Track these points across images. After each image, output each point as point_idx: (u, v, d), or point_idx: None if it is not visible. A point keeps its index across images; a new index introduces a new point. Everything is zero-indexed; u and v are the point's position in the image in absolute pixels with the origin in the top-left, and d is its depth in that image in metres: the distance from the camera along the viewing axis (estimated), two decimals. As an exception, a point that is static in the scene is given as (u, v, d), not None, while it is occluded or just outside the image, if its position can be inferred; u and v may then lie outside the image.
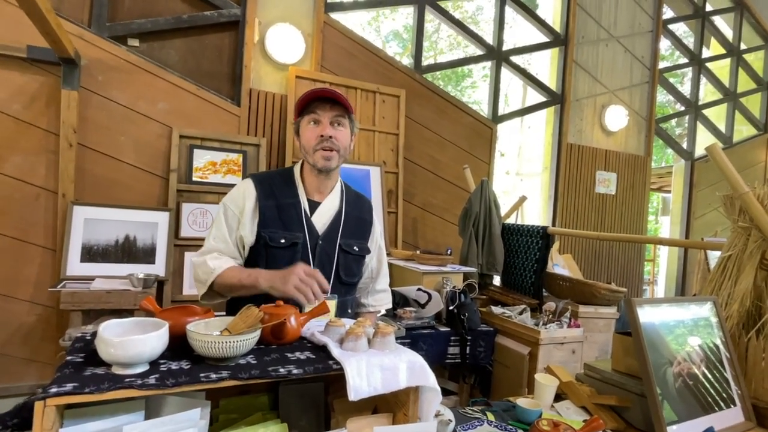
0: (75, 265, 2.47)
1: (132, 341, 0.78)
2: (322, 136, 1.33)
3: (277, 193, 1.37)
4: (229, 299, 1.42)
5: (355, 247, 1.43)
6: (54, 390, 0.70)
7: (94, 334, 0.93)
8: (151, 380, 0.76)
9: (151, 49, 2.86)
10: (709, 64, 5.46)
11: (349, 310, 1.46)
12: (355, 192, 1.53)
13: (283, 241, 1.32)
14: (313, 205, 1.40)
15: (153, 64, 2.77)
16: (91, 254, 2.51)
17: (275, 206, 1.35)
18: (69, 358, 0.84)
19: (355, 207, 1.48)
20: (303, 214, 1.37)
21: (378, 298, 1.62)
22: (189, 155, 2.84)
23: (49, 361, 2.55)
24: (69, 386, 0.71)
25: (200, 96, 2.90)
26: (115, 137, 2.70)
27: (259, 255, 1.34)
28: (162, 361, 0.85)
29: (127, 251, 2.59)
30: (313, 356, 0.93)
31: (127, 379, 0.75)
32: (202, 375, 0.80)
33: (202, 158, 2.87)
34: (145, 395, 0.76)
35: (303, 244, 1.34)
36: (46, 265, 2.56)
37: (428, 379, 0.93)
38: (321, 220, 1.40)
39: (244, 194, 1.36)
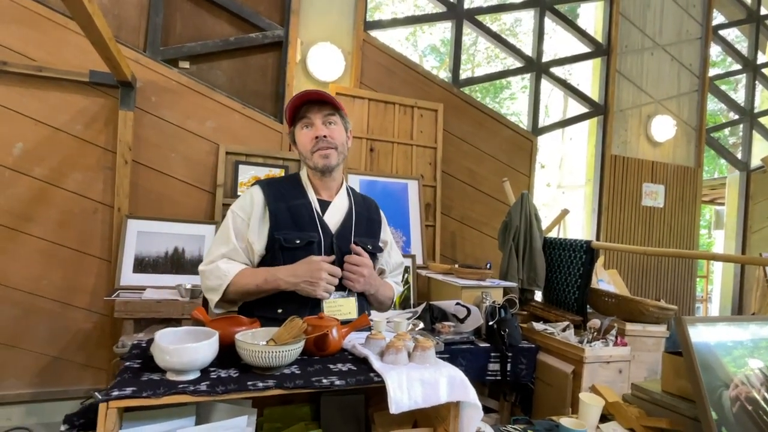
0: (128, 276, 2.60)
1: (186, 349, 0.82)
2: (317, 137, 1.35)
3: (286, 196, 1.38)
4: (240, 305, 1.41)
5: (369, 246, 1.44)
6: (116, 393, 0.75)
7: (149, 342, 0.98)
8: (203, 387, 0.80)
9: (200, 71, 3.01)
10: (764, 70, 5.19)
11: (366, 311, 1.42)
12: (360, 194, 1.56)
13: (298, 241, 1.32)
14: (324, 205, 1.41)
15: (202, 85, 2.92)
16: (143, 265, 2.64)
17: (286, 208, 1.35)
18: (127, 363, 0.89)
19: (364, 207, 1.50)
20: (315, 213, 1.37)
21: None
22: (234, 171, 2.95)
23: (102, 367, 2.68)
24: (128, 390, 0.76)
25: (246, 114, 3.02)
26: (166, 154, 2.85)
27: (275, 259, 1.33)
28: (212, 369, 0.89)
29: (176, 263, 2.70)
30: (355, 368, 0.95)
31: (181, 385, 0.80)
32: (249, 383, 0.83)
33: (246, 173, 2.97)
34: (197, 401, 0.80)
35: (318, 243, 1.34)
36: (102, 275, 2.71)
37: (468, 394, 0.93)
38: (333, 219, 1.40)
39: (252, 200, 1.37)
